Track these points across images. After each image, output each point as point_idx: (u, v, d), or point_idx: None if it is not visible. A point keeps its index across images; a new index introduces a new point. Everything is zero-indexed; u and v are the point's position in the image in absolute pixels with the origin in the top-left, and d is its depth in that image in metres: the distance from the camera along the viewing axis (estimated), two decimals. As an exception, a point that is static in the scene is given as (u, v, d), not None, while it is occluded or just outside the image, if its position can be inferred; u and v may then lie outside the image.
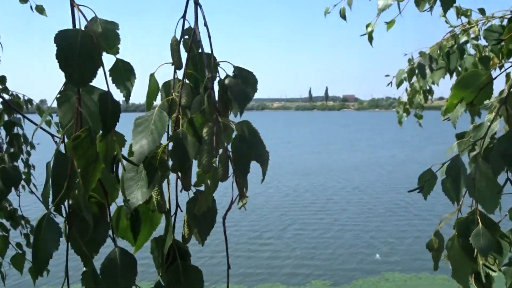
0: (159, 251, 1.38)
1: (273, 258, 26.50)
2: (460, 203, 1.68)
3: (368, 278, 22.98)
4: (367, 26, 3.37)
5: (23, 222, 4.30)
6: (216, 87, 1.29)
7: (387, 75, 4.18)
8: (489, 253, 1.53)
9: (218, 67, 1.32)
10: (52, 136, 1.71)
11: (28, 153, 4.47)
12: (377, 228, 30.80)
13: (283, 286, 22.96)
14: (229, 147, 1.22)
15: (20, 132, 4.10)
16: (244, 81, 1.28)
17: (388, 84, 3.96)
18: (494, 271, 1.65)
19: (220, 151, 1.23)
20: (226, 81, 1.30)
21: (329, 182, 39.14)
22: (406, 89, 4.85)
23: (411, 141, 51.21)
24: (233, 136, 1.22)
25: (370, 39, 3.33)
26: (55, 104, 1.28)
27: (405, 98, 4.99)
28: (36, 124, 1.39)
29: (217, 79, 1.31)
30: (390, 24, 3.16)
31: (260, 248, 27.27)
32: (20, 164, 4.29)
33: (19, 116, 3.95)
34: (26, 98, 4.42)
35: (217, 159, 1.23)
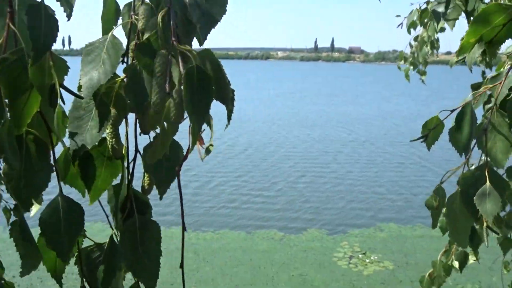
0: (115, 202, 1.24)
1: (269, 208, 26.60)
2: (468, 156, 1.47)
3: (363, 228, 23.03)
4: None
5: None
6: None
7: (398, 15, 3.89)
8: (494, 215, 1.34)
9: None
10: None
11: None
12: (379, 181, 30.79)
13: (279, 233, 23.19)
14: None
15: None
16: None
17: (399, 25, 3.68)
18: (498, 234, 1.47)
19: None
20: (187, -1, 1.05)
21: (336, 133, 38.91)
22: (410, 44, 4.60)
23: (418, 94, 50.61)
24: (189, 66, 0.98)
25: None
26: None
27: (409, 52, 4.75)
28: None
29: (178, -4, 1.06)
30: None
31: (265, 200, 27.32)
32: None
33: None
34: None
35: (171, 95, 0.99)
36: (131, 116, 1.23)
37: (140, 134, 1.17)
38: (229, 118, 1.05)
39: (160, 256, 1.24)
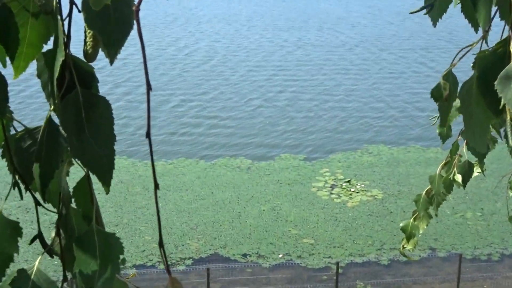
0: (49, 73, 1.16)
1: (234, 132, 26.57)
2: (487, 28, 1.33)
3: (347, 152, 23.38)
4: None
5: None
6: None
7: None
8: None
9: None
10: None
11: None
12: (371, 96, 30.81)
13: (246, 161, 23.33)
14: None
15: None
16: None
17: None
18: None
19: None
20: None
21: (320, 37, 38.46)
22: None
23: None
24: None
25: None
26: None
27: None
28: None
29: None
30: None
31: (229, 123, 27.26)
32: None
33: None
34: None
35: None
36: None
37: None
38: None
39: (114, 141, 1.19)
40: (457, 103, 1.45)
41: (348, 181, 20.09)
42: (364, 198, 19.02)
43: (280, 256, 16.05)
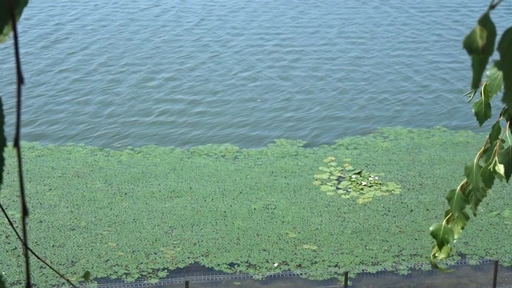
0: None
1: (220, 112, 26.48)
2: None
3: (356, 136, 23.38)
4: None
5: None
6: None
7: None
8: None
9: None
10: None
11: None
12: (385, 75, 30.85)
13: (233, 147, 23.26)
14: None
15: None
16: None
17: None
18: None
19: None
20: None
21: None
22: None
23: None
24: None
25: None
26: None
27: None
28: None
29: None
30: None
31: (214, 103, 27.16)
32: None
33: None
34: None
35: None
36: None
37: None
38: None
39: (4, 146, 1.17)
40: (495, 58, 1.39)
41: (359, 173, 20.10)
42: (378, 194, 19.05)
43: (276, 265, 16.05)
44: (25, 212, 1.16)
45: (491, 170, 3.07)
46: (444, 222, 3.34)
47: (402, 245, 16.51)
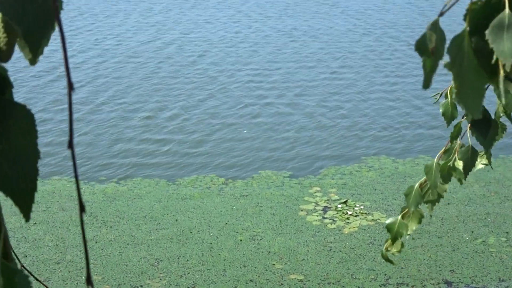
0: None
1: (203, 140, 26.76)
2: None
3: (342, 166, 23.63)
4: None
5: None
6: None
7: None
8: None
9: None
10: None
11: None
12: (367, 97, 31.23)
13: (219, 179, 23.50)
14: None
15: None
16: None
17: None
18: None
19: None
20: None
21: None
22: None
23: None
24: None
25: None
26: None
27: None
28: None
29: None
30: None
31: (197, 132, 27.42)
32: None
33: None
34: None
35: None
36: None
37: None
38: None
39: (37, 160, 1.20)
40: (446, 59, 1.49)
41: (344, 202, 20.14)
42: (364, 223, 19.09)
43: (262, 296, 16.02)
44: (82, 208, 1.22)
45: (451, 165, 3.20)
46: (399, 217, 3.48)
47: (388, 274, 16.53)
